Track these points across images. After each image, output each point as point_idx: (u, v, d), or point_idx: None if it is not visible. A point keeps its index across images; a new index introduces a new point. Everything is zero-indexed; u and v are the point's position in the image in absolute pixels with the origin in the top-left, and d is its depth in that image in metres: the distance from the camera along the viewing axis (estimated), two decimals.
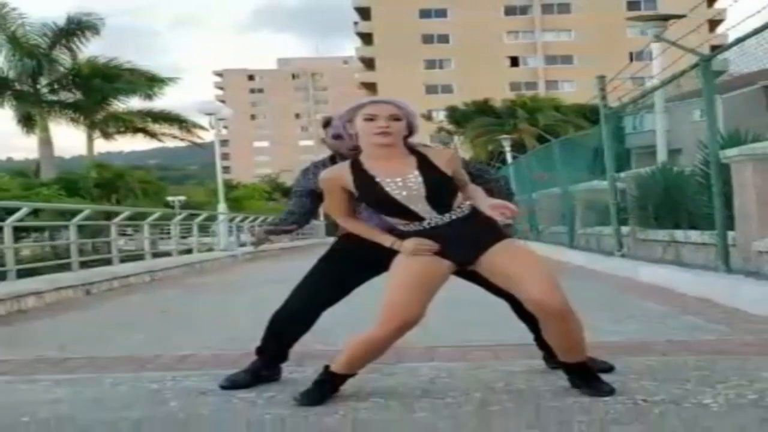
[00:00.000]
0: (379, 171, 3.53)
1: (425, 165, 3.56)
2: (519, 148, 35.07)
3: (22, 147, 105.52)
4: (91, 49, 33.18)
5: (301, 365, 4.37)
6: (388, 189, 3.50)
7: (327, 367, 3.63)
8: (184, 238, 17.22)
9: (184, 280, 13.12)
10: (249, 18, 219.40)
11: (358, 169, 3.56)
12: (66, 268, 11.05)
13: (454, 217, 3.53)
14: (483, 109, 51.58)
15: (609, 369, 4.05)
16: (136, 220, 14.01)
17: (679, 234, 8.97)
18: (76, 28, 32.21)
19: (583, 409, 3.35)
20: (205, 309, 8.53)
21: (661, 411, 3.30)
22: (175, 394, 3.90)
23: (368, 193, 3.55)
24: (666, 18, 14.85)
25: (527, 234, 20.10)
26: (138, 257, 13.90)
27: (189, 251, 17.24)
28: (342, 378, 3.62)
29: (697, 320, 6.10)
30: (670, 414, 3.24)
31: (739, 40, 6.87)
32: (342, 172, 3.59)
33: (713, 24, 64.72)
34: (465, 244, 3.53)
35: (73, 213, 11.71)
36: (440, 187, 3.52)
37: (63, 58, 32.69)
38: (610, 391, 3.53)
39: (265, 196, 50.62)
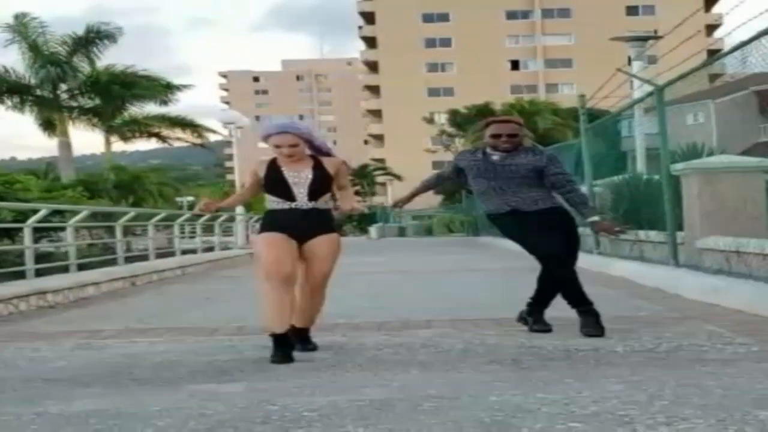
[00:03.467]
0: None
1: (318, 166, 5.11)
2: None
3: (25, 146, 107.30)
4: (105, 53, 34.62)
5: (332, 332, 5.92)
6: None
7: (270, 334, 4.91)
8: (191, 237, 18.70)
9: (212, 273, 14.71)
10: (260, 19, 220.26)
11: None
12: (112, 262, 12.60)
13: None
14: (483, 112, 52.90)
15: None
16: (168, 220, 15.59)
17: (642, 234, 10.50)
18: (95, 37, 33.71)
19: (531, 353, 4.91)
20: (241, 294, 10.07)
21: (584, 354, 4.85)
22: (247, 348, 5.44)
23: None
24: (645, 38, 16.37)
25: None
26: (169, 254, 15.48)
27: (211, 249, 18.81)
28: (284, 335, 4.89)
29: (642, 303, 7.65)
30: (588, 356, 4.79)
31: (683, 76, 8.40)
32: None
33: (710, 28, 66.28)
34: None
35: (114, 214, 13.29)
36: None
37: (82, 65, 34.18)
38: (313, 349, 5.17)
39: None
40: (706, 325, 5.93)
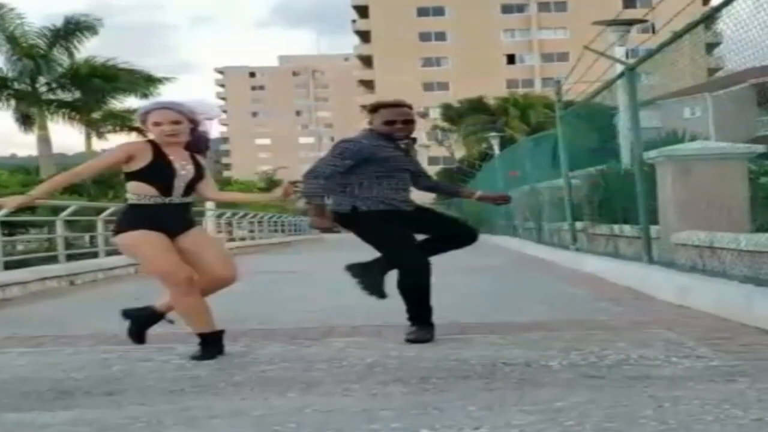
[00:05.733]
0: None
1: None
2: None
3: (26, 144, 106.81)
4: (101, 46, 33.87)
5: (237, 341, 5.09)
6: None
7: (198, 334, 4.59)
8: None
9: None
10: (264, 16, 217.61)
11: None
12: (54, 260, 11.77)
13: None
14: (476, 106, 52.24)
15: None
16: None
17: (617, 228, 9.67)
18: (74, 29, 32.83)
19: (448, 369, 4.08)
20: None
21: (510, 370, 4.02)
22: (120, 361, 4.63)
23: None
24: (630, 23, 15.52)
25: (505, 230, 20.82)
26: None
27: None
28: (213, 334, 4.59)
29: (606, 305, 6.83)
30: (514, 372, 3.96)
31: (651, 54, 7.58)
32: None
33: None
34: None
35: (63, 208, 12.46)
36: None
37: (61, 58, 33.29)
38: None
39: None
40: (668, 332, 5.11)
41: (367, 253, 5.15)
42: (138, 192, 4.47)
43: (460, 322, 5.74)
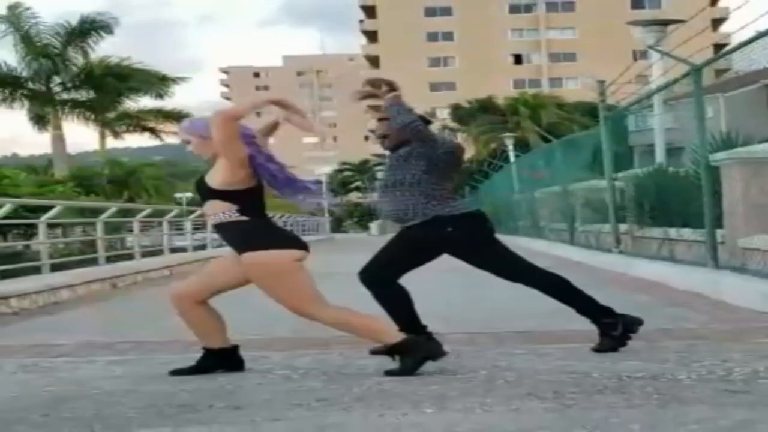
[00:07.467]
0: None
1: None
2: (523, 146, 35.45)
3: (29, 143, 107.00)
4: (111, 44, 33.66)
5: (328, 348, 4.94)
6: None
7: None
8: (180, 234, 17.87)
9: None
10: (272, 15, 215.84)
11: None
12: (93, 262, 11.63)
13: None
14: (486, 107, 52.03)
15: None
16: (156, 216, 14.62)
17: (673, 232, 9.51)
18: (89, 28, 32.66)
19: (575, 383, 3.92)
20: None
21: (641, 384, 3.87)
22: (223, 371, 4.46)
23: None
24: (666, 23, 15.36)
25: (529, 231, 20.66)
26: (157, 252, 14.49)
27: (203, 246, 17.81)
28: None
29: (681, 311, 6.68)
30: (646, 386, 3.81)
31: (727, 52, 7.42)
32: None
33: (716, 23, 65.20)
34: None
35: (99, 210, 12.33)
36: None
37: (76, 57, 33.11)
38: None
39: (272, 193, 50.92)
40: None
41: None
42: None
43: (542, 329, 5.57)
